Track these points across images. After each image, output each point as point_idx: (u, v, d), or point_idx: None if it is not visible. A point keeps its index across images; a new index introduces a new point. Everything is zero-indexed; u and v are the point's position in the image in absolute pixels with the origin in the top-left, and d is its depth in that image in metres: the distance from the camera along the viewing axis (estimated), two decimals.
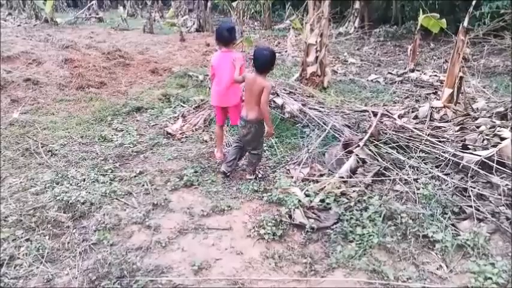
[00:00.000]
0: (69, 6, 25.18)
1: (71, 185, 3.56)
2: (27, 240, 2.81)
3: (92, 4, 19.97)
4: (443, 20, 7.55)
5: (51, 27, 14.16)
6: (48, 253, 2.69)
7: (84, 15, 19.02)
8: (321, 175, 3.71)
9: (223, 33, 3.81)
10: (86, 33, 12.85)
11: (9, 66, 7.03)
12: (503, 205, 3.11)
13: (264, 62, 3.45)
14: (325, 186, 3.40)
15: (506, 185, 3.31)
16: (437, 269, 2.57)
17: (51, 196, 3.36)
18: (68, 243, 2.82)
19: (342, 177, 3.53)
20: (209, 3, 16.41)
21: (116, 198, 3.39)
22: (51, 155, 4.27)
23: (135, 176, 3.80)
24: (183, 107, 5.81)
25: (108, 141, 4.69)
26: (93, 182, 3.64)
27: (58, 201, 3.26)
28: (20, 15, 17.99)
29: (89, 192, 3.41)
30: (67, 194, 3.33)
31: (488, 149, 3.73)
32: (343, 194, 3.31)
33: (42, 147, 4.41)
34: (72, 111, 5.75)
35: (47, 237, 2.86)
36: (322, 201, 3.22)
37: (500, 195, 3.21)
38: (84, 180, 3.67)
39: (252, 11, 18.32)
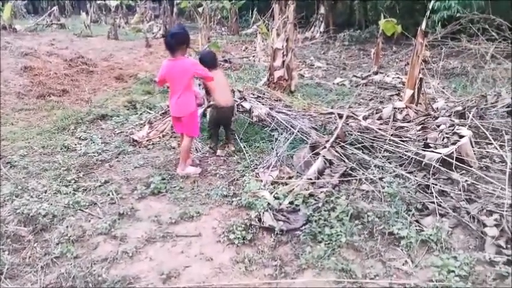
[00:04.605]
0: (29, 12, 24.32)
1: (31, 197, 3.41)
2: None
3: (53, 10, 19.36)
4: (399, 25, 7.85)
5: (9, 34, 13.61)
6: (7, 269, 2.56)
7: (45, 21, 18.37)
8: (290, 177, 3.74)
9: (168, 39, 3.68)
10: (46, 40, 12.43)
11: None
12: (463, 200, 3.24)
13: (212, 58, 4.35)
14: (293, 189, 3.42)
15: (466, 180, 3.46)
16: (403, 264, 2.63)
17: (10, 209, 3.20)
18: (29, 257, 2.69)
19: (310, 179, 3.56)
20: (175, 9, 16.30)
21: (80, 209, 3.28)
22: (10, 167, 4.08)
23: (100, 186, 3.69)
24: (149, 113, 5.71)
25: (71, 150, 4.54)
26: (55, 193, 3.51)
27: (18, 214, 3.12)
28: None
29: (51, 204, 3.28)
30: (27, 207, 3.18)
31: (448, 146, 3.88)
32: (311, 195, 3.34)
33: (0, 158, 4.21)
34: (33, 121, 5.54)
35: (6, 252, 2.72)
36: (291, 203, 3.24)
37: (460, 190, 3.34)
38: (45, 191, 3.53)
39: (219, 16, 18.35)
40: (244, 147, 4.42)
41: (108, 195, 3.52)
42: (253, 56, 11.16)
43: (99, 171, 4.05)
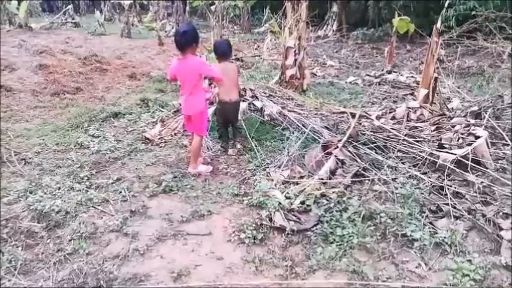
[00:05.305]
0: (45, 11, 24.63)
1: (45, 193, 3.44)
2: None
3: (68, 9, 19.59)
4: (412, 23, 7.75)
5: (25, 32, 13.82)
6: (21, 265, 2.59)
7: (60, 20, 18.62)
8: (301, 177, 3.71)
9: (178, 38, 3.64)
10: (61, 39, 12.59)
11: None
12: (478, 202, 3.17)
13: (225, 48, 4.26)
14: (305, 188, 3.40)
15: (482, 182, 3.39)
16: (416, 267, 2.59)
17: (24, 206, 3.23)
18: (42, 253, 2.72)
19: (322, 179, 3.53)
20: (188, 7, 16.37)
21: (92, 206, 3.31)
22: (25, 164, 4.14)
23: (112, 183, 3.71)
24: (161, 111, 5.74)
25: (84, 148, 4.59)
26: (69, 190, 3.54)
27: (32, 210, 3.15)
28: None
29: (64, 201, 3.31)
30: (41, 203, 3.21)
31: (463, 147, 3.81)
32: (323, 195, 3.31)
33: (15, 155, 4.27)
34: (47, 118, 5.61)
35: (20, 248, 2.75)
36: (302, 203, 3.21)
37: (475, 192, 3.27)
38: (59, 188, 3.56)
39: (232, 14, 18.35)
40: (255, 146, 4.40)
41: (120, 192, 3.54)
42: (263, 54, 11.15)
43: (112, 168, 4.07)
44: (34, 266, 2.61)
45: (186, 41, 3.64)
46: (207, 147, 4.53)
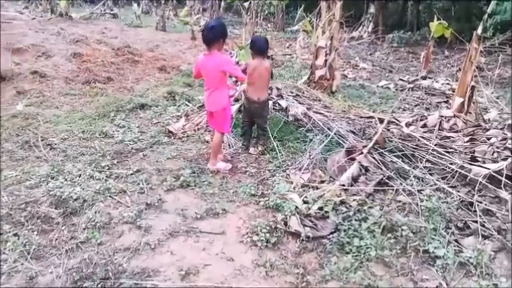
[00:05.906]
0: (86, 1, 25.38)
1: (65, 180, 3.49)
2: (14, 235, 2.74)
3: (107, 0, 20.09)
4: (451, 28, 7.43)
5: (65, 21, 14.26)
6: (34, 249, 2.62)
7: (99, 10, 19.14)
8: (322, 181, 3.59)
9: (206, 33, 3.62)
10: (99, 29, 12.91)
11: (17, 58, 7.05)
12: (510, 222, 2.96)
13: (262, 45, 4.12)
14: (324, 194, 3.28)
15: None
16: (436, 287, 2.43)
17: (44, 191, 3.29)
18: (56, 240, 2.74)
19: (343, 185, 3.40)
20: (223, 3, 16.42)
21: (110, 196, 3.32)
22: (50, 149, 4.23)
23: (131, 174, 3.72)
24: (187, 105, 5.74)
25: (108, 137, 4.64)
26: (89, 178, 3.57)
27: (51, 196, 3.20)
28: (36, 9, 18.18)
29: (83, 189, 3.34)
30: (61, 189, 3.26)
31: (498, 162, 3.58)
32: (342, 202, 3.18)
33: (42, 140, 4.37)
34: (76, 106, 5.73)
35: (35, 233, 2.79)
36: (320, 208, 3.09)
37: (507, 211, 3.05)
38: (79, 175, 3.59)
39: (266, 12, 18.26)
40: (277, 146, 4.31)
41: (138, 184, 3.54)
42: (296, 53, 11.00)
43: (133, 159, 4.09)
44: (47, 251, 2.63)
45: (213, 36, 3.60)
46: (229, 145, 4.48)
